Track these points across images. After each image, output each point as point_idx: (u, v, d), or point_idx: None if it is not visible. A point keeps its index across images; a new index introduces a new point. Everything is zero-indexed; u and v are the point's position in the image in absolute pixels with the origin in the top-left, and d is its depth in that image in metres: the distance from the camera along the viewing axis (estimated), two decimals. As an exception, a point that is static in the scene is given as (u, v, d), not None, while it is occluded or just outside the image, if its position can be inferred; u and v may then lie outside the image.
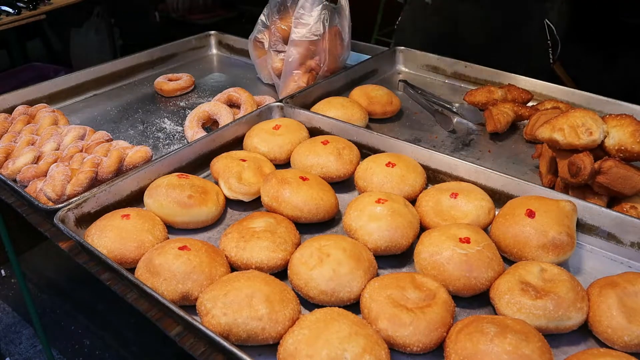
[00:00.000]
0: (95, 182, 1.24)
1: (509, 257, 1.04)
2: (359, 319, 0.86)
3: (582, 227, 1.11)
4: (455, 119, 1.58)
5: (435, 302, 0.88)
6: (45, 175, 1.26)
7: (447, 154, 1.27)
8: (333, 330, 0.81)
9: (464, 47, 1.80)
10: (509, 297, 0.89)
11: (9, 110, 1.59)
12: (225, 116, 1.50)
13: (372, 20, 4.40)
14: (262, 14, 1.80)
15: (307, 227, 1.14)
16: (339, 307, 0.90)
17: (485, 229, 1.09)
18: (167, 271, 0.94)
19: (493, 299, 0.93)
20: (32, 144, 1.39)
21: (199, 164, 1.33)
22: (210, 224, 1.16)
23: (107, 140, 1.39)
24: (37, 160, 1.33)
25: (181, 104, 1.76)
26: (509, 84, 1.68)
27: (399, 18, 2.11)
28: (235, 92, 1.60)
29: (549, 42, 1.68)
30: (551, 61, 1.71)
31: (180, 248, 0.97)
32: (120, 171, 1.28)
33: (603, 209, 1.08)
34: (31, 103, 1.64)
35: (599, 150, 1.14)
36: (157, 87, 1.81)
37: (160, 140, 1.54)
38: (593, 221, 1.09)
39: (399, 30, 2.11)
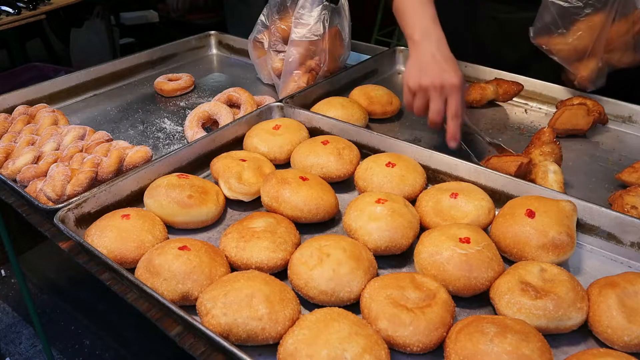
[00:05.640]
0: (95, 182, 1.24)
1: (509, 257, 1.04)
2: (359, 319, 0.86)
3: (582, 227, 1.11)
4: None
5: (435, 302, 0.88)
6: (45, 175, 1.26)
7: (447, 154, 1.27)
8: (333, 330, 0.81)
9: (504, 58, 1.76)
10: (509, 297, 0.89)
11: (9, 110, 1.59)
12: (225, 116, 1.50)
13: (372, 20, 4.41)
14: (261, 14, 1.80)
15: (307, 227, 1.14)
16: (339, 307, 0.90)
17: (485, 229, 1.09)
18: (167, 271, 0.94)
19: (493, 299, 0.93)
20: (32, 144, 1.39)
21: (199, 164, 1.33)
22: (210, 224, 1.16)
23: (107, 140, 1.39)
24: (37, 160, 1.33)
25: (181, 104, 1.76)
26: (495, 78, 1.68)
27: None
28: (235, 92, 1.60)
29: None
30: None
31: (180, 248, 0.97)
32: (120, 171, 1.28)
33: (603, 209, 1.08)
34: (31, 103, 1.64)
35: None
36: (157, 87, 1.81)
37: (160, 140, 1.54)
38: (593, 221, 1.09)
39: None
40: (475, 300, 0.97)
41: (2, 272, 2.92)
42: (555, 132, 1.39)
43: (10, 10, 3.16)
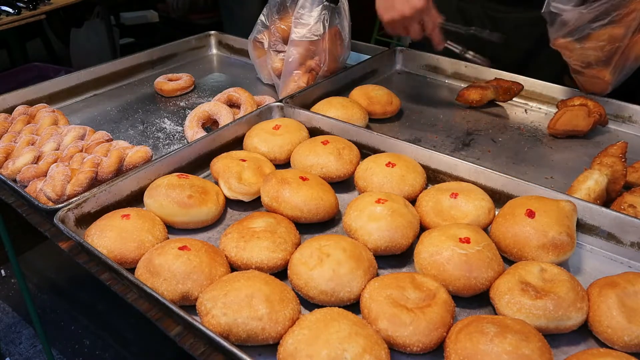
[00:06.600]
0: (95, 182, 1.24)
1: (509, 257, 1.04)
2: (359, 319, 0.86)
3: (582, 227, 1.11)
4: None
5: (435, 302, 0.88)
6: (45, 175, 1.26)
7: (447, 154, 1.27)
8: (333, 330, 0.81)
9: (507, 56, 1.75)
10: (509, 297, 0.89)
11: (9, 110, 1.59)
12: (225, 116, 1.50)
13: (372, 20, 4.40)
14: (261, 14, 1.80)
15: (307, 227, 1.14)
16: (339, 307, 0.90)
17: (485, 229, 1.09)
18: (167, 271, 0.94)
19: (493, 299, 0.93)
20: (32, 144, 1.39)
21: (199, 164, 1.33)
22: (210, 224, 1.16)
23: (107, 140, 1.39)
24: (37, 160, 1.33)
25: (181, 104, 1.76)
26: (495, 78, 1.68)
27: None
28: (235, 92, 1.60)
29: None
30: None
31: (180, 248, 0.97)
32: (120, 171, 1.28)
33: (603, 209, 1.08)
34: (31, 103, 1.64)
35: None
36: (157, 87, 1.81)
37: (160, 140, 1.54)
38: (593, 221, 1.09)
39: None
40: (475, 300, 0.97)
41: (2, 272, 2.92)
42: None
43: (10, 10, 3.16)
